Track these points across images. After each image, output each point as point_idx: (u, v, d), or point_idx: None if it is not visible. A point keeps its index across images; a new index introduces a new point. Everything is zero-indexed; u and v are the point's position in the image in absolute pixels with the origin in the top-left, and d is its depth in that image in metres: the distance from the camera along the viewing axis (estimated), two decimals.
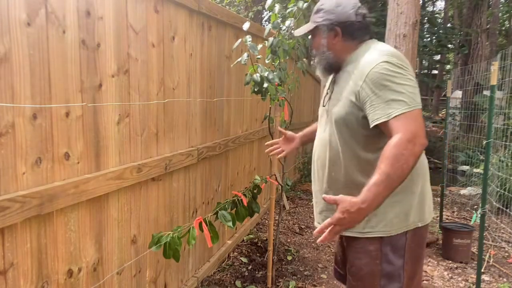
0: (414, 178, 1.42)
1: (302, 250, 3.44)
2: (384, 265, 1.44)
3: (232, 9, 10.72)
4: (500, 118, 5.75)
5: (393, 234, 1.43)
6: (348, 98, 1.40)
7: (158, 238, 1.64)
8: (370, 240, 1.46)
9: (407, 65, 1.35)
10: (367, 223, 1.44)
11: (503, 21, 16.71)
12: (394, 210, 1.43)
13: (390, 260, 1.44)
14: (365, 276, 1.47)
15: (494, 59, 3.44)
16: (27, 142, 1.27)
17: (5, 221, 1.17)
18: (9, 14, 1.18)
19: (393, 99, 1.26)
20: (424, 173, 1.50)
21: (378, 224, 1.44)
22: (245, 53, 2.28)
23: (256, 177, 2.38)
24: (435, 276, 3.10)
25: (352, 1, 1.49)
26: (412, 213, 1.45)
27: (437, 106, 18.52)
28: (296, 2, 2.36)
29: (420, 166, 1.46)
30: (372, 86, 1.31)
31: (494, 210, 4.32)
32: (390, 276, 1.44)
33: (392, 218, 1.43)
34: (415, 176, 1.44)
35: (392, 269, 1.44)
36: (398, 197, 1.40)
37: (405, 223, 1.44)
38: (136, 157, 1.82)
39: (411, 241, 1.46)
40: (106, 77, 1.60)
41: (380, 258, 1.45)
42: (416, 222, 1.46)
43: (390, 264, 1.44)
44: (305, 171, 6.26)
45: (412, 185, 1.44)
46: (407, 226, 1.45)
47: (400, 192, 1.35)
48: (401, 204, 1.43)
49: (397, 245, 1.44)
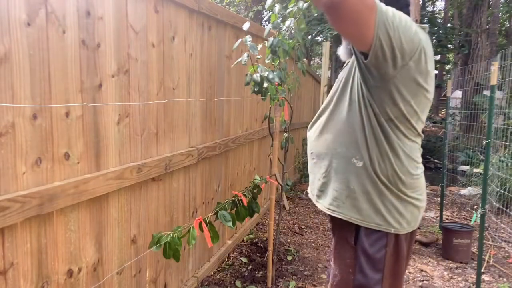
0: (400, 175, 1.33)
1: (302, 250, 3.44)
2: (357, 275, 1.36)
3: (232, 9, 10.72)
4: (500, 118, 5.75)
5: (363, 226, 1.35)
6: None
7: (158, 238, 1.64)
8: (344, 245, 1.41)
9: None
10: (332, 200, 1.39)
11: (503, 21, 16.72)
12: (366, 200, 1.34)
13: (364, 272, 1.35)
14: (339, 283, 1.42)
15: (494, 59, 3.45)
16: (27, 142, 1.27)
17: (5, 221, 1.17)
18: (9, 14, 1.18)
19: None
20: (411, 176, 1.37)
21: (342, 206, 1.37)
22: (245, 53, 2.28)
23: (256, 177, 2.38)
24: (435, 276, 3.09)
25: None
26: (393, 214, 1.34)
27: (437, 106, 18.53)
28: (296, 2, 2.36)
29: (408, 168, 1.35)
30: None
31: (494, 210, 4.32)
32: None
33: (366, 209, 1.34)
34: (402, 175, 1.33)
35: (365, 281, 1.35)
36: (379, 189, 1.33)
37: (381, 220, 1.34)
38: (136, 157, 1.82)
39: (391, 254, 1.35)
40: (106, 77, 1.60)
41: (354, 267, 1.38)
42: (397, 227, 1.34)
43: (364, 276, 1.35)
44: (305, 171, 6.26)
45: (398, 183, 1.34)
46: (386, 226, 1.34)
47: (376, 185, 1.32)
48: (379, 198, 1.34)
49: (373, 256, 1.34)
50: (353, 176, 1.35)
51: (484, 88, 6.60)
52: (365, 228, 1.36)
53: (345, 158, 1.37)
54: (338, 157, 1.39)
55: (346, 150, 1.36)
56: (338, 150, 1.38)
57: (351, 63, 1.39)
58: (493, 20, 12.51)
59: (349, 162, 1.36)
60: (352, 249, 1.39)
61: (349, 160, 1.36)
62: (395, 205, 1.34)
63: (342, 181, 1.38)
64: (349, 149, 1.36)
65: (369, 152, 1.33)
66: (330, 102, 1.47)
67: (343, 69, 1.50)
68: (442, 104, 17.35)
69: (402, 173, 1.34)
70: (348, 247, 1.40)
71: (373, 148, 1.32)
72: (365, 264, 1.35)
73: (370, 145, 1.32)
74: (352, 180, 1.35)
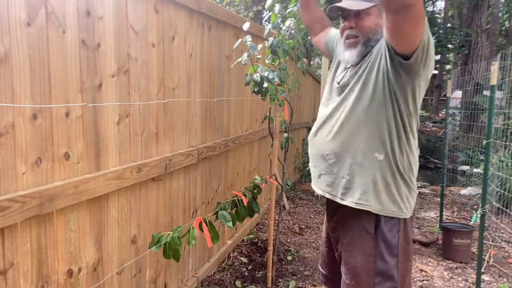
0: (412, 167, 1.48)
1: (302, 250, 3.44)
2: (378, 263, 1.45)
3: (232, 9, 10.72)
4: (500, 118, 5.75)
5: (383, 214, 1.45)
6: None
7: (158, 238, 1.64)
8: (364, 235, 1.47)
9: None
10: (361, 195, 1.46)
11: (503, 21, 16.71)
12: (386, 191, 1.45)
13: (385, 258, 1.45)
14: (360, 274, 1.47)
15: (494, 59, 3.44)
16: (27, 142, 1.27)
17: (5, 221, 1.17)
18: (9, 14, 1.18)
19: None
20: (416, 167, 1.53)
21: (370, 199, 1.45)
22: (245, 53, 2.28)
23: (256, 177, 2.38)
24: (435, 276, 3.09)
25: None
26: (404, 201, 1.48)
27: (437, 106, 18.53)
28: (296, 2, 2.36)
29: (416, 160, 1.51)
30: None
31: (494, 210, 4.32)
32: (384, 275, 1.45)
33: (386, 199, 1.45)
34: (413, 165, 1.49)
35: (386, 267, 1.45)
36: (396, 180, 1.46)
37: (397, 208, 1.46)
38: (136, 157, 1.82)
39: (403, 239, 1.48)
40: (106, 77, 1.60)
41: (375, 256, 1.46)
42: (406, 213, 1.49)
43: (384, 262, 1.45)
44: (305, 171, 6.26)
45: (409, 173, 1.48)
46: (399, 213, 1.47)
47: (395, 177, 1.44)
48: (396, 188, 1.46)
49: (391, 242, 1.46)
50: (376, 169, 1.44)
51: (484, 88, 6.60)
52: (384, 216, 1.46)
53: (368, 153, 1.45)
54: (361, 153, 1.45)
55: (368, 145, 1.44)
56: (361, 146, 1.45)
57: (369, 66, 1.45)
58: (493, 20, 12.50)
59: (372, 157, 1.44)
60: (372, 239, 1.46)
61: (372, 154, 1.44)
62: (406, 193, 1.48)
63: (367, 176, 1.45)
64: (371, 144, 1.44)
65: (391, 145, 1.43)
66: (341, 104, 1.52)
67: (346, 74, 1.54)
68: (442, 104, 17.36)
69: (413, 164, 1.49)
70: (368, 237, 1.47)
71: (394, 141, 1.43)
72: (385, 251, 1.45)
73: (392, 139, 1.43)
74: (376, 173, 1.44)
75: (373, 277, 1.45)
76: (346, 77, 1.54)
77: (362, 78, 1.46)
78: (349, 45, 1.50)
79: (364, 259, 1.47)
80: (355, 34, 1.48)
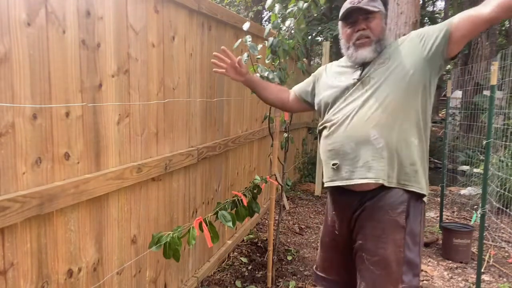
0: (425, 155, 1.59)
1: (302, 250, 3.44)
2: (406, 252, 1.53)
3: (232, 9, 10.72)
4: (500, 118, 5.75)
5: (423, 192, 1.57)
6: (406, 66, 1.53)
7: (158, 238, 1.64)
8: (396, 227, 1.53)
9: None
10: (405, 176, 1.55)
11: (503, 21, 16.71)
12: (423, 172, 1.58)
13: (410, 247, 1.54)
14: (391, 264, 1.52)
15: (494, 59, 3.44)
16: (27, 142, 1.27)
17: (5, 221, 1.17)
18: (9, 14, 1.18)
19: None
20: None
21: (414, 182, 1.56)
22: (245, 53, 2.28)
23: (256, 177, 2.38)
24: (435, 276, 3.09)
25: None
26: (426, 182, 1.60)
27: (437, 106, 18.52)
28: (296, 2, 2.36)
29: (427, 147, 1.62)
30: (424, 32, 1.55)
31: (494, 210, 4.32)
32: (410, 263, 1.53)
33: (422, 178, 1.57)
34: (426, 153, 1.60)
35: (412, 256, 1.54)
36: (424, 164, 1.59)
37: (424, 188, 1.58)
38: (136, 157, 1.82)
39: (422, 227, 1.60)
40: (106, 77, 1.60)
41: (403, 246, 1.52)
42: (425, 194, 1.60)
43: (410, 251, 1.54)
44: (305, 171, 6.26)
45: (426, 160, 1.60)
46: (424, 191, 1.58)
47: (425, 162, 1.58)
48: (425, 171, 1.60)
49: (415, 231, 1.56)
50: (414, 153, 1.54)
51: (484, 88, 6.60)
52: (414, 201, 1.56)
53: (407, 138, 1.54)
54: (403, 138, 1.54)
55: (407, 130, 1.54)
56: (402, 130, 1.54)
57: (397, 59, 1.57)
58: None
59: (410, 141, 1.54)
60: (402, 230, 1.53)
61: (410, 139, 1.54)
62: (427, 174, 1.61)
63: (409, 159, 1.55)
64: (409, 129, 1.54)
65: (425, 132, 1.57)
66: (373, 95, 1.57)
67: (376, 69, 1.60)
68: (442, 104, 17.35)
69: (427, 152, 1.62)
70: (399, 229, 1.53)
71: (426, 128, 1.57)
72: (410, 240, 1.54)
73: (424, 126, 1.56)
74: (414, 156, 1.55)
75: (401, 266, 1.52)
76: (371, 70, 1.60)
77: (395, 74, 1.55)
78: (362, 45, 1.60)
79: (394, 250, 1.52)
80: (367, 34, 1.59)
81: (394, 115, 1.52)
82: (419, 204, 1.59)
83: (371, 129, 1.52)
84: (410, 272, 1.53)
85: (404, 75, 1.53)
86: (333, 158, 1.61)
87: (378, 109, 1.53)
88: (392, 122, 1.52)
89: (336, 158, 1.60)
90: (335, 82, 1.69)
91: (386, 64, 1.57)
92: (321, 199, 5.13)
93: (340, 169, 1.59)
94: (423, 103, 1.55)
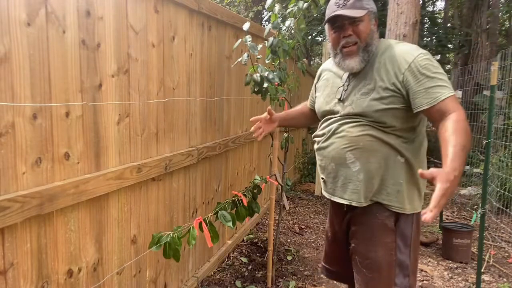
0: (421, 165, 1.56)
1: (302, 250, 3.44)
2: (398, 255, 1.53)
3: (232, 9, 10.72)
4: (500, 118, 5.75)
5: (406, 212, 1.54)
6: (385, 88, 1.46)
7: (158, 238, 1.64)
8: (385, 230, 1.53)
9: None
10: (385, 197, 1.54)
11: (503, 21, 16.70)
12: (408, 192, 1.54)
13: (401, 250, 1.54)
14: (382, 267, 1.53)
15: (494, 59, 3.44)
16: (27, 142, 1.27)
17: (5, 221, 1.17)
18: (9, 14, 1.18)
19: (439, 85, 1.40)
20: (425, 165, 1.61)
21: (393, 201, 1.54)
22: (245, 53, 2.28)
23: (256, 177, 2.37)
24: (435, 276, 3.09)
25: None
26: (416, 198, 1.57)
27: None
28: (296, 2, 2.36)
29: (425, 158, 1.60)
30: (419, 74, 1.41)
31: (494, 210, 4.32)
32: (401, 265, 1.54)
33: (405, 198, 1.54)
34: (422, 164, 1.57)
35: (403, 258, 1.54)
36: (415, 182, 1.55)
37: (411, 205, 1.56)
38: (136, 157, 1.82)
39: (415, 231, 1.58)
40: (106, 77, 1.60)
41: (395, 249, 1.53)
42: (417, 208, 1.57)
43: (401, 253, 1.54)
44: (305, 171, 6.26)
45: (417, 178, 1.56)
46: (414, 209, 1.56)
47: (413, 176, 1.53)
48: (414, 187, 1.56)
49: (406, 234, 1.55)
50: (401, 172, 1.52)
51: (484, 88, 6.60)
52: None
53: (391, 157, 1.51)
54: (385, 159, 1.51)
55: (390, 152, 1.51)
56: (384, 152, 1.51)
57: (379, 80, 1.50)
58: (493, 20, 12.49)
59: (395, 160, 1.51)
60: (392, 233, 1.54)
61: (395, 157, 1.51)
62: (421, 190, 1.59)
63: (392, 178, 1.53)
64: (391, 150, 1.51)
65: (415, 148, 1.53)
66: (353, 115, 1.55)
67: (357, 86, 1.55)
68: None
69: (423, 163, 1.60)
70: (388, 232, 1.54)
71: (415, 142, 1.54)
72: (401, 242, 1.54)
73: (411, 143, 1.52)
74: (400, 175, 1.52)
75: (393, 269, 1.53)
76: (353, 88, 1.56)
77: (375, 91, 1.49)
78: (349, 53, 1.53)
79: (385, 253, 1.53)
80: (354, 40, 1.51)
81: (373, 137, 1.49)
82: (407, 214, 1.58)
83: (348, 152, 1.54)
84: (401, 274, 1.54)
85: (381, 97, 1.48)
86: (322, 172, 1.71)
87: (356, 130, 1.52)
88: (369, 145, 1.50)
89: (323, 173, 1.69)
90: (325, 92, 1.71)
91: (367, 84, 1.52)
92: (321, 199, 5.13)
93: (326, 184, 1.69)
94: (406, 121, 1.48)
